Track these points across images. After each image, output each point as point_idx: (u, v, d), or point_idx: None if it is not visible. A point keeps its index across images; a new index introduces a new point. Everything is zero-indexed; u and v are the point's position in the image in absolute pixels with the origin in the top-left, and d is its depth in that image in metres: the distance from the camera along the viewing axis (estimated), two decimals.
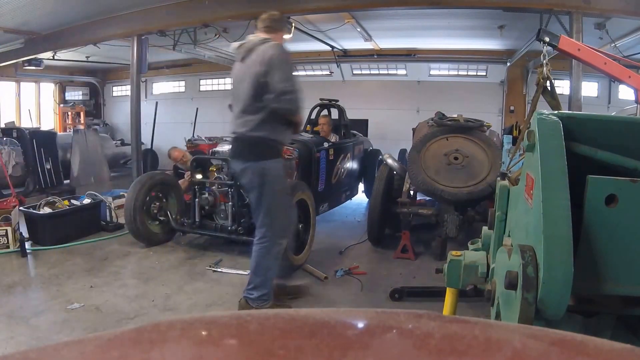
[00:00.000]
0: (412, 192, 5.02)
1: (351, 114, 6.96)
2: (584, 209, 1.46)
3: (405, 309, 0.70)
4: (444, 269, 2.23)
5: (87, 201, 5.52)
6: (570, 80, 5.53)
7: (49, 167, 7.60)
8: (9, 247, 4.61)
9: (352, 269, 4.31)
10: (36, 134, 7.74)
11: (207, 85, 12.11)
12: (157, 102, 9.51)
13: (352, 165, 6.50)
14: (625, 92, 8.32)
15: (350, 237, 5.38)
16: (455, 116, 5.21)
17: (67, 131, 10.62)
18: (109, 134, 11.43)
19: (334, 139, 6.15)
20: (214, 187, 4.77)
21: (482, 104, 9.52)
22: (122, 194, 5.75)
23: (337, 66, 10.33)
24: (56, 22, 7.18)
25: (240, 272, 4.20)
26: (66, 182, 8.19)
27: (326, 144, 5.73)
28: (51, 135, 8.14)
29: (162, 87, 12.54)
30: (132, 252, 4.77)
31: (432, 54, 9.71)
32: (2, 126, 8.03)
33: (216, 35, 7.61)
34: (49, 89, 12.26)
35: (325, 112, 6.56)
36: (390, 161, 5.14)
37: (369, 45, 9.07)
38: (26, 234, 4.82)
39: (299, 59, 9.90)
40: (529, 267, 1.34)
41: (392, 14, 6.68)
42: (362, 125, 8.76)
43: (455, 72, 10.27)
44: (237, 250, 4.82)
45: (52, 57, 8.88)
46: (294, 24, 6.53)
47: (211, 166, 4.86)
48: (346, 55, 10.03)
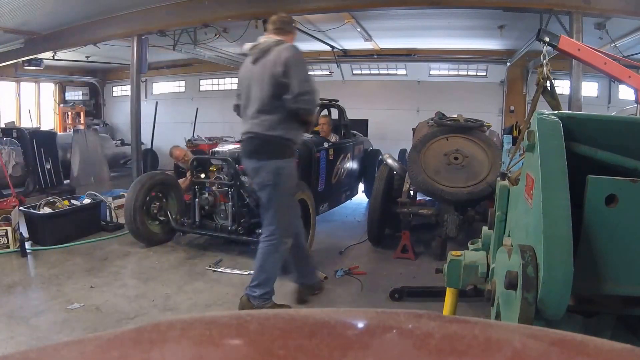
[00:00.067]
0: (412, 192, 5.02)
1: (351, 114, 6.96)
2: (584, 209, 1.46)
3: (405, 309, 0.70)
4: (444, 269, 2.23)
5: (87, 201, 5.52)
6: (570, 80, 5.53)
7: (49, 167, 7.60)
8: (9, 247, 4.61)
9: (352, 269, 4.31)
10: (36, 134, 7.74)
11: (207, 85, 12.11)
12: (157, 102, 9.51)
13: (352, 165, 6.50)
14: (625, 92, 8.32)
15: (350, 237, 5.38)
16: (455, 116, 5.21)
17: (67, 131, 10.63)
18: (109, 134, 11.44)
19: (334, 139, 6.15)
20: (214, 187, 4.77)
21: (482, 104, 9.52)
22: (122, 194, 5.75)
23: (337, 66, 10.33)
24: (56, 22, 7.19)
25: (240, 272, 4.21)
26: (66, 182, 8.19)
27: (326, 144, 5.73)
28: (51, 135, 8.14)
29: (162, 87, 12.54)
30: (132, 252, 4.77)
31: (432, 54, 9.71)
32: (2, 126, 8.04)
33: (216, 35, 7.61)
34: (49, 89, 12.27)
35: (325, 112, 6.56)
36: (390, 161, 5.14)
37: (369, 45, 9.07)
38: (26, 234, 4.82)
39: None
40: (529, 267, 1.34)
41: (392, 14, 6.68)
42: (362, 125, 8.76)
43: (455, 72, 10.27)
44: (237, 250, 4.82)
45: (52, 57, 8.89)
46: (294, 24, 6.52)
47: (211, 166, 4.87)
48: (346, 55, 10.03)
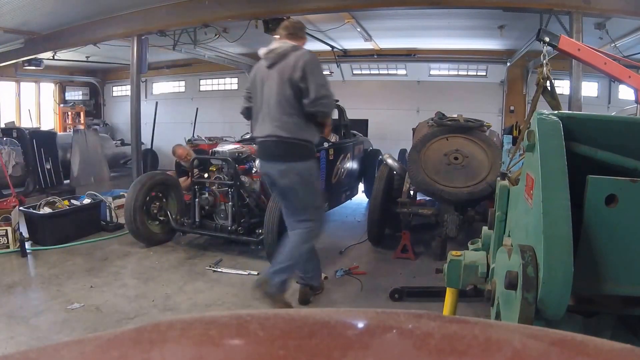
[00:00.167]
0: (412, 192, 5.01)
1: (351, 114, 6.96)
2: (584, 209, 1.46)
3: (405, 309, 0.70)
4: (444, 269, 2.23)
5: (87, 201, 5.52)
6: (570, 80, 5.53)
7: (49, 167, 7.61)
8: (9, 247, 4.61)
9: (352, 269, 4.32)
10: (36, 134, 7.75)
11: (207, 85, 12.11)
12: (157, 102, 9.49)
13: (352, 165, 6.50)
14: (625, 92, 8.32)
15: (350, 237, 5.38)
16: (455, 116, 5.21)
17: (67, 131, 10.63)
18: (109, 134, 11.44)
19: (334, 139, 6.15)
20: (214, 187, 4.78)
21: (482, 104, 9.52)
22: (122, 194, 5.75)
23: (337, 66, 10.33)
24: (56, 22, 7.18)
25: (240, 272, 4.21)
26: (66, 182, 8.20)
27: (326, 144, 5.73)
28: (51, 135, 8.15)
29: (162, 87, 12.53)
30: (132, 252, 4.77)
31: (432, 54, 9.70)
32: (2, 126, 8.04)
33: (216, 35, 7.61)
34: (49, 89, 12.26)
35: None
36: (390, 161, 5.14)
37: (369, 45, 9.07)
38: (26, 234, 4.82)
39: None
40: (529, 267, 1.34)
41: (392, 14, 6.68)
42: (362, 125, 8.76)
43: (455, 72, 10.27)
44: (237, 250, 4.82)
45: (52, 57, 8.88)
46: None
47: (211, 166, 4.87)
48: (346, 55, 10.03)
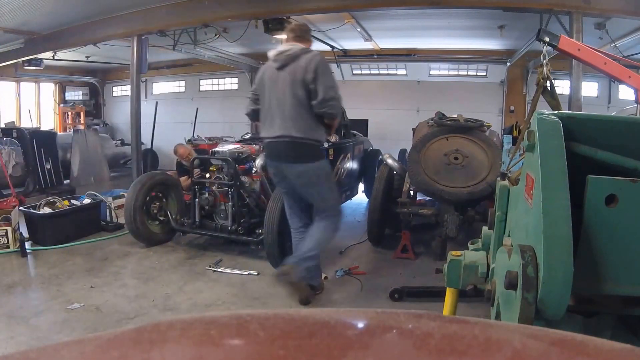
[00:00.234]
0: (412, 192, 5.01)
1: (351, 114, 6.95)
2: (584, 209, 1.46)
3: (405, 309, 0.70)
4: (444, 269, 2.22)
5: (87, 201, 5.52)
6: (570, 80, 5.53)
7: (49, 167, 7.61)
8: (9, 247, 4.61)
9: (352, 269, 4.32)
10: (36, 134, 7.75)
11: (207, 85, 12.10)
12: (157, 102, 9.50)
13: (352, 165, 6.50)
14: (625, 92, 8.32)
15: (350, 237, 5.38)
16: (455, 116, 5.20)
17: (67, 131, 10.63)
18: (109, 134, 11.44)
19: (334, 139, 6.14)
20: (214, 187, 4.77)
21: (482, 104, 9.52)
22: (122, 194, 5.75)
23: (337, 66, 10.32)
24: (56, 22, 7.18)
25: (240, 272, 4.21)
26: (66, 182, 8.20)
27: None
28: (51, 135, 8.15)
29: (162, 87, 12.53)
30: (132, 252, 4.77)
31: (432, 54, 9.70)
32: (2, 126, 8.04)
33: (216, 35, 7.61)
34: (49, 89, 12.26)
35: None
36: (390, 161, 5.14)
37: (369, 45, 9.07)
38: (26, 234, 4.82)
39: None
40: (529, 267, 1.34)
41: (392, 14, 6.68)
42: (362, 125, 8.76)
43: (455, 72, 10.26)
44: (237, 250, 4.82)
45: (52, 57, 8.87)
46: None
47: (211, 166, 4.87)
48: (346, 55, 10.03)
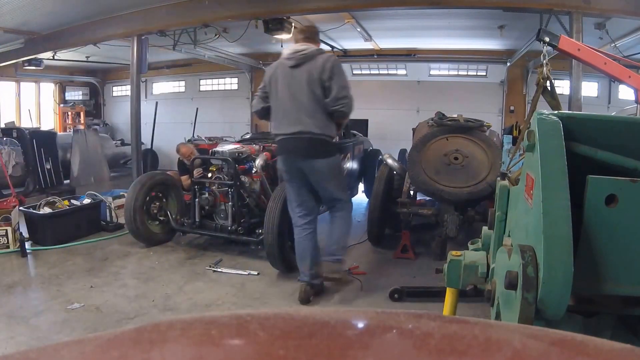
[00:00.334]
0: (412, 192, 5.01)
1: (351, 114, 6.93)
2: (584, 209, 1.46)
3: (405, 309, 0.70)
4: (444, 269, 2.22)
5: (87, 201, 5.52)
6: (570, 80, 5.52)
7: (49, 167, 7.61)
8: (9, 247, 4.61)
9: (352, 269, 4.32)
10: (36, 134, 7.74)
11: (207, 85, 12.10)
12: (157, 102, 9.50)
13: (352, 165, 6.50)
14: (625, 92, 8.32)
15: (350, 237, 5.37)
16: (455, 116, 5.20)
17: (67, 131, 10.63)
18: (109, 134, 11.44)
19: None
20: (214, 187, 4.77)
21: (482, 104, 9.51)
22: (122, 194, 5.75)
23: None
24: (56, 22, 7.18)
25: (240, 272, 4.21)
26: (66, 182, 8.20)
27: None
28: (51, 135, 8.15)
29: (162, 87, 12.53)
30: (132, 252, 4.77)
31: (432, 54, 9.70)
32: (2, 126, 8.04)
33: (216, 35, 7.61)
34: (49, 89, 12.26)
35: None
36: (390, 161, 5.14)
37: (369, 45, 9.07)
38: (26, 234, 4.82)
39: None
40: (529, 267, 1.34)
41: (392, 14, 6.68)
42: (362, 125, 8.75)
43: (455, 72, 10.26)
44: (237, 250, 4.82)
45: (52, 57, 8.87)
46: (294, 24, 6.53)
47: (211, 166, 4.86)
48: (346, 55, 10.02)
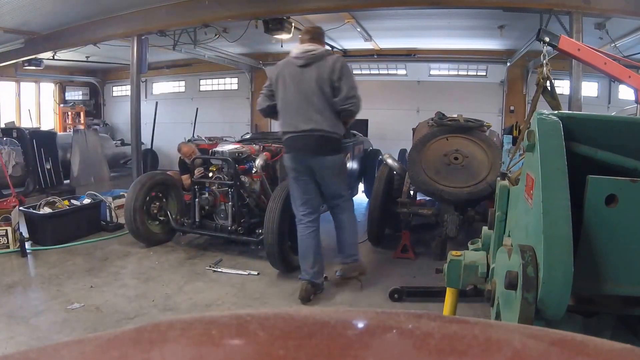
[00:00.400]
0: (412, 192, 5.01)
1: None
2: (584, 209, 1.46)
3: (405, 309, 0.70)
4: (444, 269, 2.22)
5: (87, 201, 5.52)
6: (570, 80, 5.52)
7: (49, 167, 7.61)
8: (9, 247, 4.61)
9: None
10: (36, 134, 7.75)
11: (207, 85, 12.10)
12: (157, 102, 9.49)
13: (352, 165, 6.49)
14: (625, 92, 8.32)
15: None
16: (455, 116, 5.20)
17: (67, 131, 10.63)
18: (109, 134, 11.44)
19: None
20: (214, 187, 4.77)
21: (482, 104, 9.51)
22: (122, 194, 5.75)
23: None
24: (56, 22, 7.18)
25: (240, 272, 4.21)
26: (66, 182, 8.20)
27: None
28: (51, 135, 8.15)
29: (162, 87, 12.53)
30: (132, 252, 4.77)
31: (432, 54, 9.70)
32: (2, 126, 8.04)
33: (216, 35, 7.61)
34: (49, 89, 12.26)
35: None
36: (390, 161, 5.14)
37: (369, 45, 9.07)
38: (26, 234, 4.83)
39: None
40: (529, 267, 1.34)
41: (392, 14, 6.68)
42: (362, 125, 8.75)
43: (455, 72, 10.26)
44: (237, 250, 4.82)
45: (52, 57, 8.87)
46: (294, 24, 6.53)
47: (211, 166, 4.86)
48: (346, 55, 10.00)
